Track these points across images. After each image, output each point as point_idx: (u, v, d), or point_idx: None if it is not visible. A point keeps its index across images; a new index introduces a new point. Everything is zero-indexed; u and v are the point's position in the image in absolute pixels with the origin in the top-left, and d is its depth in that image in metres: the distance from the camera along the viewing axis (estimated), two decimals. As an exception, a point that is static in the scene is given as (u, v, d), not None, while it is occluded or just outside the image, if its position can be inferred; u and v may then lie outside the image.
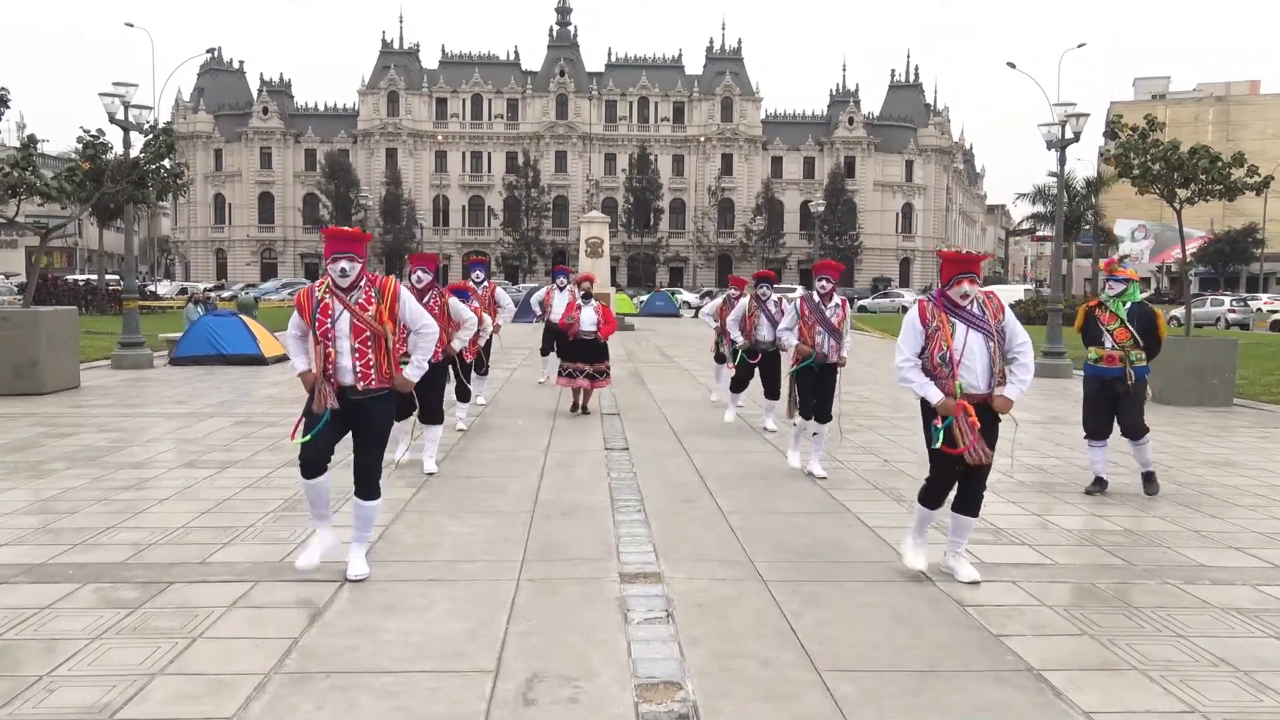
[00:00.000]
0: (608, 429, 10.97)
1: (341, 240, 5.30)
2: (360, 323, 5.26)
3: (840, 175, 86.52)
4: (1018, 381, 5.45)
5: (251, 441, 9.92)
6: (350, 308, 5.26)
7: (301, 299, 5.41)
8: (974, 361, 5.35)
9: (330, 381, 5.27)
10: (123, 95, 17.45)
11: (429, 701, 3.89)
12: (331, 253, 5.26)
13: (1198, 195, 14.59)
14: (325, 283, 5.35)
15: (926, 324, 5.41)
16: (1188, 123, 79.23)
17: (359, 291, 5.31)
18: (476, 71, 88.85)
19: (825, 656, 4.39)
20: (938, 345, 5.36)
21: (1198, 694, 4.03)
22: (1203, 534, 6.69)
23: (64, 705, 3.80)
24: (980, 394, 5.37)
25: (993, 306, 5.43)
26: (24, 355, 13.41)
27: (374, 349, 5.30)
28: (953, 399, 5.31)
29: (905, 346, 5.48)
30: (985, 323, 5.36)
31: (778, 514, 7.13)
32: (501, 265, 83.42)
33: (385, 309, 5.33)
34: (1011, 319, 5.48)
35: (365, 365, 5.28)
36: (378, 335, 5.30)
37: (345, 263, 5.25)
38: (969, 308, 5.37)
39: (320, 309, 5.28)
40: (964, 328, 5.35)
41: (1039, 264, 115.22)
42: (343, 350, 5.26)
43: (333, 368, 5.27)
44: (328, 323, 5.26)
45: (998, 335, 5.39)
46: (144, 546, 6.01)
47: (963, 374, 5.34)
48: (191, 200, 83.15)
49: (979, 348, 5.35)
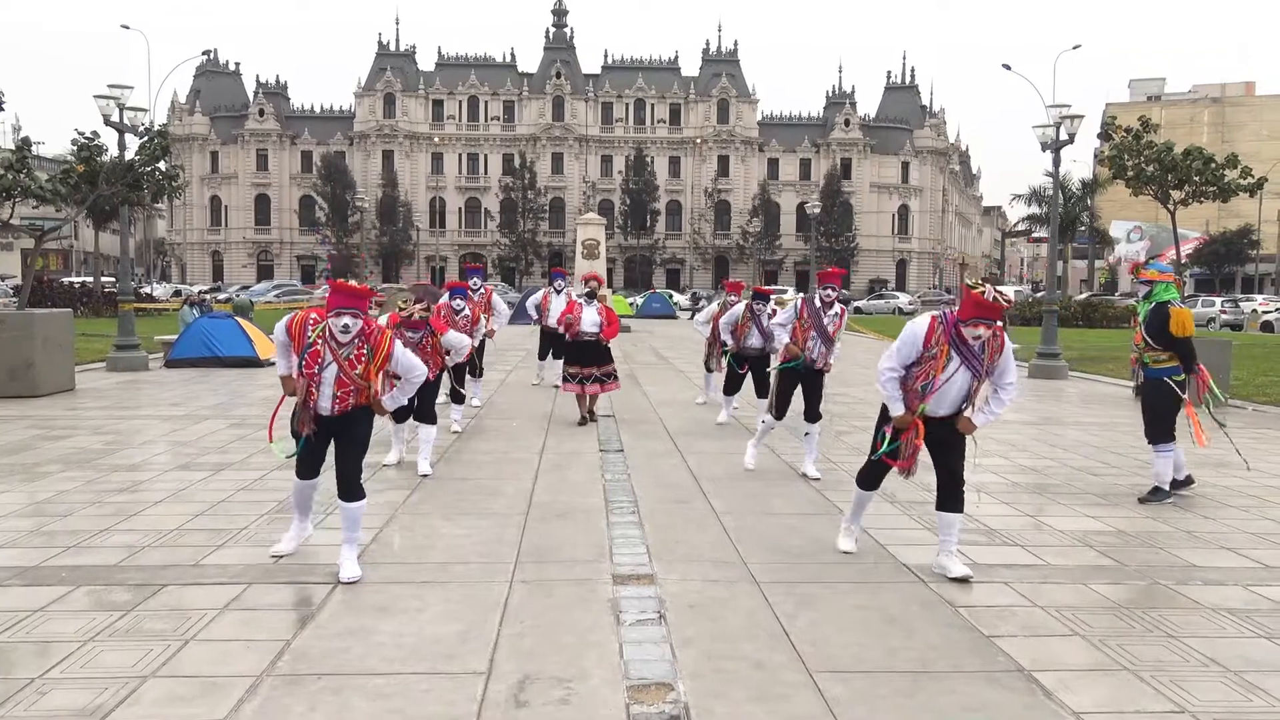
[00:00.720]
0: (603, 431, 10.97)
1: (348, 296, 5.36)
2: (346, 378, 5.38)
3: (836, 177, 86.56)
4: (989, 412, 5.55)
5: (246, 444, 9.91)
6: (340, 363, 5.35)
7: (294, 329, 5.45)
8: (948, 393, 5.46)
9: (309, 409, 5.43)
10: (118, 97, 17.46)
11: (421, 703, 3.90)
12: (335, 306, 5.31)
13: (1192, 196, 14.68)
14: (320, 324, 5.38)
15: (928, 346, 5.42)
16: (1183, 124, 79.39)
17: (351, 348, 5.36)
18: (473, 73, 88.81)
19: (817, 658, 4.40)
20: (924, 374, 5.43)
21: (1188, 694, 4.05)
22: (1195, 535, 6.71)
23: (56, 708, 3.80)
24: (941, 416, 5.50)
25: (993, 346, 5.40)
26: (19, 357, 13.40)
27: (354, 395, 5.45)
28: (911, 415, 5.49)
29: (897, 356, 5.54)
30: (979, 361, 5.40)
31: (771, 515, 7.14)
32: (498, 267, 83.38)
33: (375, 367, 5.43)
34: (1008, 357, 5.48)
35: (343, 405, 5.46)
36: (360, 389, 5.44)
37: (349, 319, 5.32)
38: (974, 345, 5.38)
39: (310, 354, 5.34)
40: (958, 362, 5.39)
41: (1035, 265, 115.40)
42: (324, 394, 5.42)
43: (312, 401, 5.42)
44: (315, 368, 5.35)
45: (986, 374, 5.44)
46: (137, 549, 6.01)
47: (932, 401, 5.45)
48: (187, 202, 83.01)
49: (960, 383, 5.44)
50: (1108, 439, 10.89)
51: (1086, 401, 14.80)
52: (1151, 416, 7.84)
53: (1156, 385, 7.77)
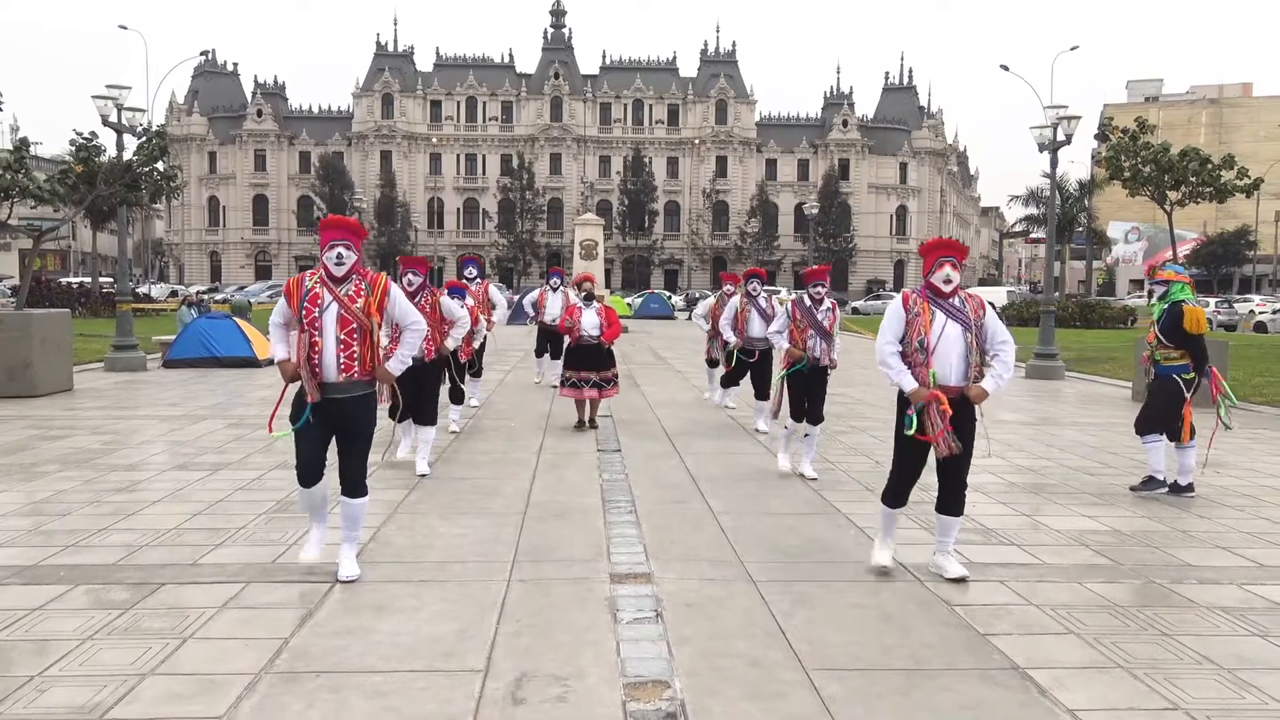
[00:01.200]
0: (601, 431, 10.99)
1: (339, 229, 5.36)
2: (348, 314, 5.28)
3: (834, 177, 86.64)
4: (996, 376, 5.50)
5: (244, 444, 9.92)
6: (339, 299, 5.28)
7: (291, 286, 5.41)
8: (949, 352, 5.41)
9: (314, 373, 5.28)
10: (116, 98, 17.47)
11: (418, 701, 3.91)
12: (329, 240, 5.30)
13: (1188, 197, 14.69)
14: (317, 273, 5.37)
15: (908, 310, 5.51)
16: (1180, 125, 79.56)
17: (350, 284, 5.32)
18: (471, 74, 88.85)
19: (813, 656, 4.42)
20: (916, 331, 5.45)
21: (1181, 691, 4.07)
22: (1190, 534, 6.74)
23: (55, 705, 3.82)
24: (954, 387, 5.43)
25: (974, 304, 5.51)
26: (17, 358, 13.41)
27: (359, 341, 5.31)
28: (926, 387, 5.39)
29: (887, 330, 5.60)
30: (965, 315, 5.45)
31: (769, 515, 7.16)
32: (496, 267, 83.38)
33: (374, 302, 5.35)
34: (992, 318, 5.53)
35: (349, 357, 5.30)
36: (364, 328, 5.32)
37: (342, 248, 5.29)
38: (952, 300, 5.44)
39: (309, 298, 5.29)
40: (943, 317, 5.43)
41: (1033, 266, 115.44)
42: (328, 341, 5.27)
43: (317, 357, 5.27)
44: (315, 311, 5.26)
45: (976, 330, 5.45)
46: (136, 548, 6.03)
47: (936, 363, 5.40)
48: (185, 203, 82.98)
49: (956, 338, 5.42)
50: (1104, 439, 10.91)
51: (1083, 402, 14.83)
52: (1150, 410, 8.11)
53: (1165, 382, 7.95)
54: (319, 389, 5.29)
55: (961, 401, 5.44)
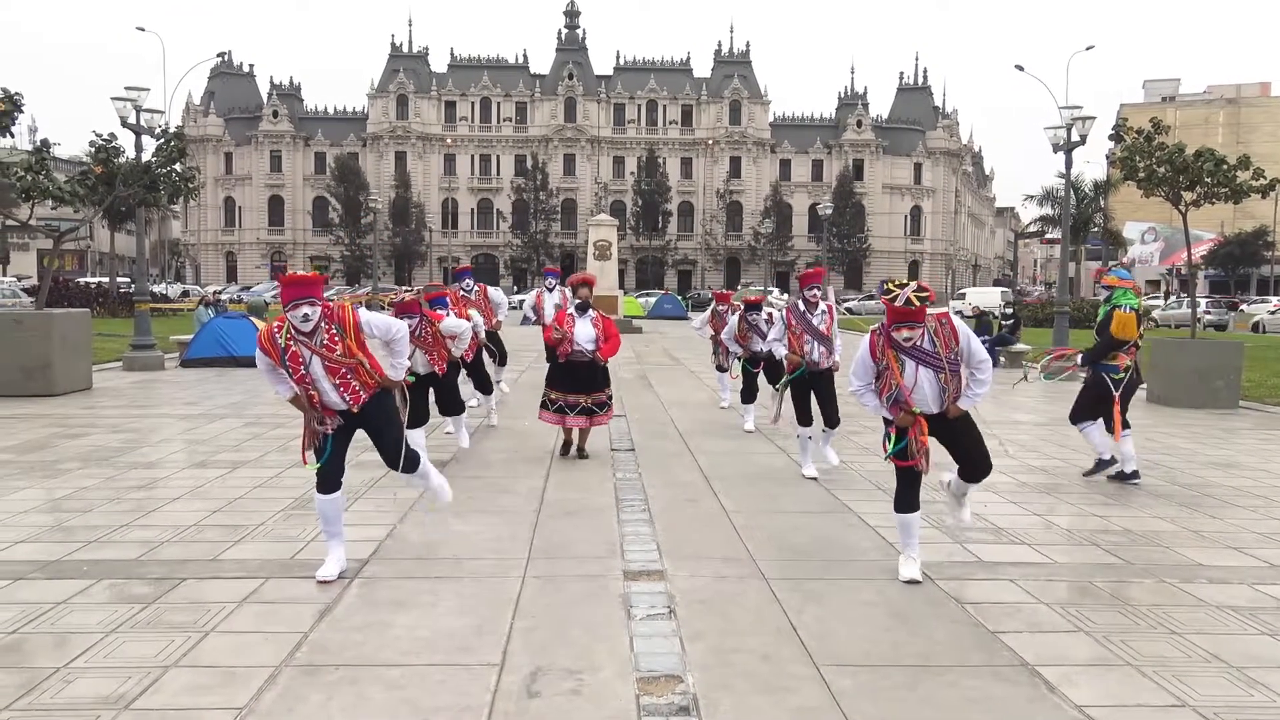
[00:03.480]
0: (614, 430, 11.05)
1: (299, 286, 5.26)
2: (333, 363, 5.31)
3: (848, 178, 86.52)
4: (973, 395, 5.52)
5: (261, 442, 10.03)
6: (318, 352, 5.28)
7: (265, 344, 5.36)
8: (924, 390, 5.46)
9: (323, 410, 5.39)
10: (134, 99, 17.63)
11: (435, 693, 3.99)
12: (290, 299, 5.22)
13: (1204, 198, 14.59)
14: (284, 327, 5.30)
15: (876, 361, 5.52)
16: (1198, 125, 79.09)
17: (321, 333, 5.29)
18: (485, 75, 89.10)
19: (824, 652, 4.47)
20: (887, 384, 5.50)
21: (1189, 689, 4.10)
22: (1202, 534, 6.75)
23: (81, 695, 3.90)
24: (934, 413, 5.54)
25: (944, 336, 5.42)
26: (37, 357, 13.56)
27: (354, 376, 5.38)
28: (909, 414, 5.47)
29: (856, 378, 5.66)
30: (935, 357, 5.40)
31: (781, 513, 7.21)
32: (510, 268, 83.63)
33: (352, 342, 5.34)
34: (967, 341, 5.47)
35: (353, 393, 5.40)
36: (353, 366, 5.36)
37: (306, 308, 5.23)
38: (920, 344, 5.40)
39: (290, 357, 5.28)
40: (913, 364, 5.42)
41: (1049, 266, 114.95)
42: (325, 389, 5.36)
43: (319, 399, 5.38)
44: (301, 369, 5.30)
45: (949, 366, 5.43)
46: (156, 544, 6.12)
47: (916, 402, 5.48)
48: (202, 203, 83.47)
49: (928, 383, 5.44)
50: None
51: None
52: (1081, 403, 8.73)
53: (1097, 378, 8.60)
54: (333, 417, 5.43)
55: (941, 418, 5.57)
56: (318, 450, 5.49)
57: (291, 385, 5.40)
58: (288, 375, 5.35)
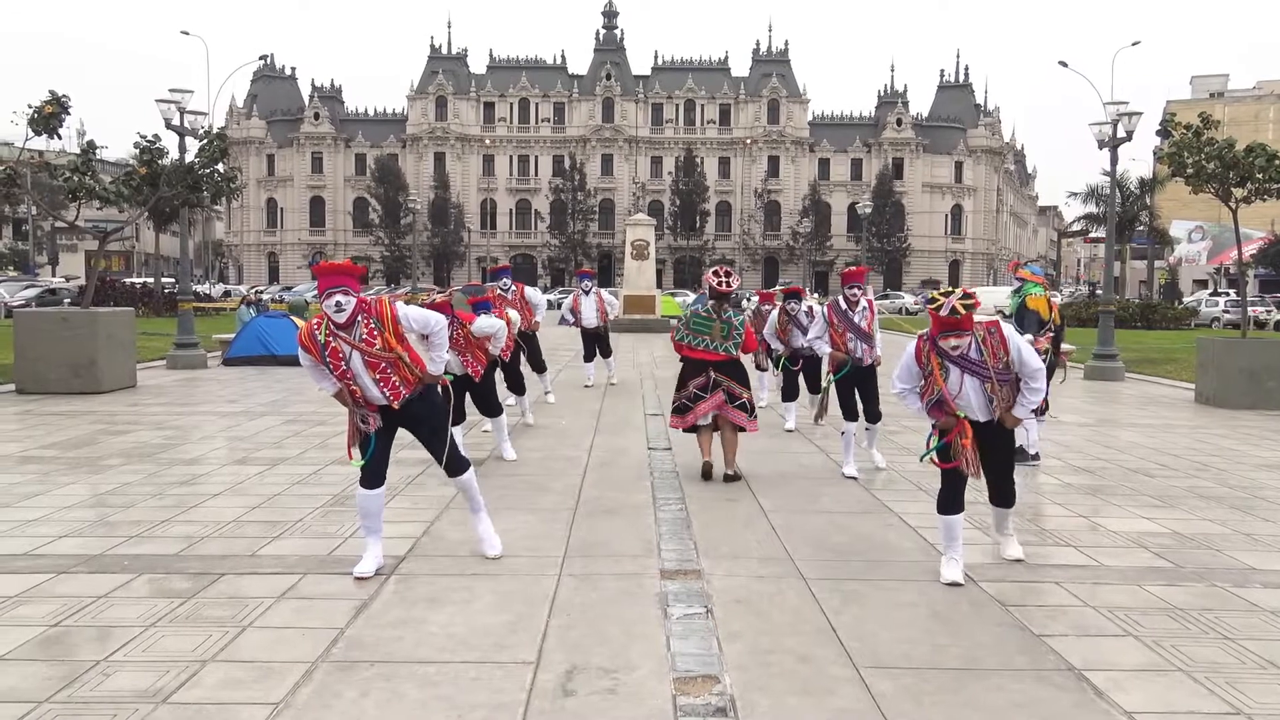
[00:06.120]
0: (650, 429, 11.01)
1: (333, 275, 5.22)
2: (372, 358, 5.28)
3: (888, 177, 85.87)
4: (1026, 403, 5.47)
5: (301, 440, 10.10)
6: (357, 346, 5.25)
7: (305, 341, 5.35)
8: (970, 400, 5.41)
9: (366, 406, 5.38)
10: (178, 101, 17.84)
11: (470, 691, 3.96)
12: (325, 288, 5.18)
13: (1254, 194, 14.25)
14: (323, 322, 5.28)
15: (921, 365, 5.48)
16: (1247, 121, 77.44)
17: (359, 327, 5.26)
18: (524, 75, 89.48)
19: (864, 653, 4.39)
20: (930, 389, 5.44)
21: (1243, 696, 3.98)
22: (1254, 537, 6.58)
23: (120, 688, 3.92)
24: (982, 421, 5.47)
25: (992, 345, 5.34)
26: (83, 355, 13.77)
27: (395, 372, 5.35)
28: (952, 417, 5.42)
29: (900, 381, 5.63)
30: (981, 366, 5.33)
31: (820, 513, 7.12)
32: (549, 268, 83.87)
33: (390, 336, 5.31)
34: (1017, 352, 5.37)
35: (393, 388, 5.37)
36: (393, 361, 5.33)
37: (340, 296, 5.19)
38: (964, 354, 5.33)
39: (330, 353, 5.26)
40: (958, 372, 5.36)
41: (1092, 265, 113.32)
42: (366, 384, 5.33)
43: (361, 395, 5.37)
44: (342, 364, 5.27)
45: (997, 376, 5.34)
46: (196, 539, 6.17)
47: (961, 407, 5.43)
48: (244, 204, 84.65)
49: (974, 392, 5.39)
50: (1164, 441, 10.69)
51: (1143, 403, 14.53)
52: None
53: None
54: (377, 414, 5.42)
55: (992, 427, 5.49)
56: (362, 446, 5.50)
57: (335, 381, 5.40)
58: (329, 372, 5.35)
